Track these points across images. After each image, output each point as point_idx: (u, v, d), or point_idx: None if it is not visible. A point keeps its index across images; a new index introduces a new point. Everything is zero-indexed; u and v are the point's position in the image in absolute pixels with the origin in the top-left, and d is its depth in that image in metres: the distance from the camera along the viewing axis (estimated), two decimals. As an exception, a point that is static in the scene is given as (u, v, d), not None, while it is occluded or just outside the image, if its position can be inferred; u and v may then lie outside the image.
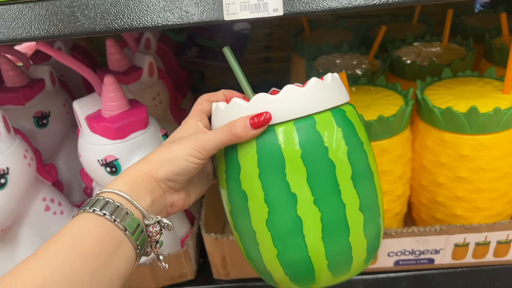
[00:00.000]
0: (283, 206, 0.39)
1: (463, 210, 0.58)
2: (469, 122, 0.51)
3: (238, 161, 0.40)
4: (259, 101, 0.39)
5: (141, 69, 0.72)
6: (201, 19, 0.42)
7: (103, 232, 0.35)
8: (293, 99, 0.38)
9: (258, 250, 0.41)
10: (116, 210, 0.36)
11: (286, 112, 0.38)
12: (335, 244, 0.40)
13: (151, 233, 0.38)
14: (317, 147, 0.38)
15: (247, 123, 0.38)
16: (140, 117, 0.57)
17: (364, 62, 0.71)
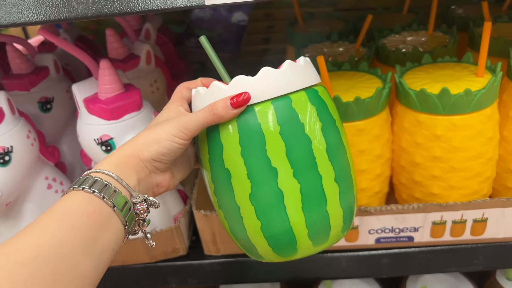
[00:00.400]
0: (265, 180, 0.42)
1: (440, 189, 0.60)
2: (441, 103, 0.54)
3: (220, 141, 0.42)
4: (238, 83, 0.41)
5: (139, 57, 0.76)
6: (184, 4, 0.46)
7: (92, 207, 0.37)
8: (269, 79, 0.41)
9: (243, 224, 0.44)
10: (104, 188, 0.38)
11: (264, 92, 0.41)
12: (314, 213, 0.43)
13: (138, 210, 0.40)
14: (294, 124, 0.41)
15: (228, 103, 0.40)
16: (134, 100, 0.61)
17: (351, 50, 0.74)
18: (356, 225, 0.63)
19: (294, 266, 0.68)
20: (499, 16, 0.76)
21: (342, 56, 0.73)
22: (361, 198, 0.62)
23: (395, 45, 0.72)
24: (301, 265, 0.67)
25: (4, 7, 0.46)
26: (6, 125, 0.61)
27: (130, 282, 0.70)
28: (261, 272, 0.69)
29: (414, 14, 0.88)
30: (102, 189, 0.38)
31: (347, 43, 0.77)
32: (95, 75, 0.61)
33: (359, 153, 0.58)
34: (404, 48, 0.71)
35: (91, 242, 0.36)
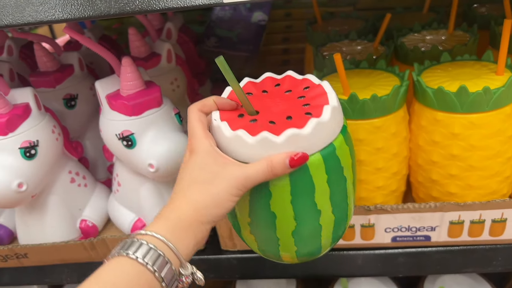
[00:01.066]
0: (309, 220, 0.45)
1: (457, 188, 0.60)
2: (459, 101, 0.54)
3: (269, 189, 0.43)
4: (290, 138, 0.40)
5: (160, 55, 0.77)
6: (203, 2, 0.47)
7: (144, 283, 0.36)
8: (319, 132, 0.41)
9: (278, 249, 0.48)
10: (157, 259, 0.37)
11: (314, 145, 0.42)
12: (339, 233, 0.50)
13: (182, 282, 0.40)
14: (337, 170, 0.44)
15: (286, 162, 0.40)
16: (154, 96, 0.62)
17: (369, 49, 0.74)
18: (372, 223, 0.63)
19: (310, 263, 0.68)
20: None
21: (360, 54, 0.73)
22: (377, 196, 0.62)
23: (414, 44, 0.72)
24: (317, 262, 0.68)
25: (32, 5, 0.48)
26: (32, 120, 0.63)
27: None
28: (278, 269, 0.70)
29: (434, 13, 0.87)
30: (155, 261, 0.37)
31: (365, 41, 0.77)
32: (117, 72, 0.63)
33: (376, 151, 0.58)
34: (423, 47, 0.71)
35: None
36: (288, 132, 0.40)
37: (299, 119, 0.42)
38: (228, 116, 0.45)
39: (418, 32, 0.77)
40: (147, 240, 0.38)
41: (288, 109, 0.44)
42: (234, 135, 0.42)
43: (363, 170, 0.60)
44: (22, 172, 0.61)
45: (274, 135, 0.40)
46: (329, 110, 0.42)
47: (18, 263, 0.71)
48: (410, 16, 0.88)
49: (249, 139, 0.41)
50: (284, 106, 0.45)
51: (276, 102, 0.45)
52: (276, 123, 0.42)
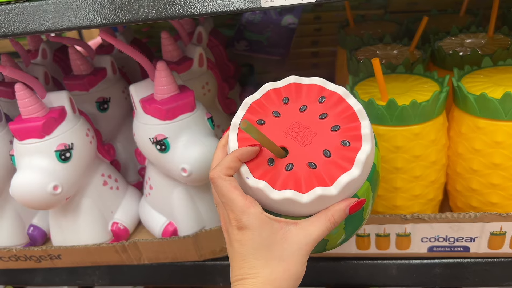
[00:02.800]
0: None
1: (499, 198, 0.57)
2: (503, 108, 0.52)
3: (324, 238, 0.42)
4: (345, 187, 0.38)
5: (192, 59, 0.77)
6: (241, 7, 0.46)
7: None
8: (366, 167, 0.39)
9: None
10: None
11: (363, 178, 0.40)
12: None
13: None
14: (377, 180, 0.45)
15: (347, 212, 0.40)
16: (188, 101, 0.62)
17: (405, 53, 0.72)
18: (409, 233, 0.61)
19: (341, 270, 0.67)
20: None
21: (396, 59, 0.71)
22: (414, 205, 0.61)
23: (452, 48, 0.70)
24: (349, 270, 0.66)
25: (71, 10, 0.49)
26: (68, 123, 0.64)
27: (178, 279, 0.72)
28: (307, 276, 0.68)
29: (472, 16, 0.85)
30: None
31: (400, 45, 0.75)
32: (151, 76, 0.63)
33: (414, 158, 0.56)
34: (462, 51, 0.68)
35: None
36: (341, 181, 0.38)
37: (339, 157, 0.39)
38: (258, 167, 0.41)
39: (456, 35, 0.74)
40: None
41: (318, 140, 0.40)
42: (283, 197, 0.39)
43: (399, 178, 0.58)
44: (57, 174, 0.62)
45: (327, 187, 0.38)
46: (369, 143, 0.39)
47: (51, 264, 0.72)
48: (446, 18, 0.86)
49: (302, 198, 0.38)
50: (309, 135, 0.41)
51: (298, 131, 0.41)
52: (318, 166, 0.39)
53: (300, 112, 0.42)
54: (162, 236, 0.69)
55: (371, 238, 0.63)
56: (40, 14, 0.49)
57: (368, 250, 0.64)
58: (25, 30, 0.50)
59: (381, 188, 0.60)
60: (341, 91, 0.42)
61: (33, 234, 0.76)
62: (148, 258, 0.69)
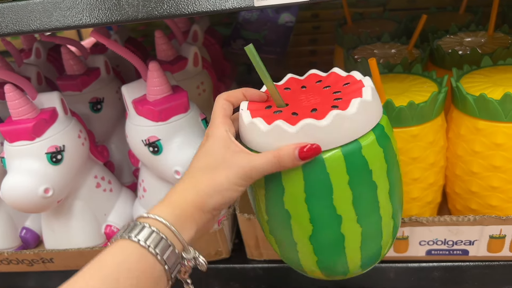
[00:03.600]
0: (328, 226, 0.41)
1: (499, 200, 0.56)
2: (503, 109, 0.50)
3: (282, 184, 0.40)
4: (305, 129, 0.37)
5: (187, 59, 0.76)
6: (233, 6, 0.45)
7: (146, 266, 0.36)
8: (340, 125, 0.38)
9: (297, 256, 0.45)
10: (159, 242, 0.36)
11: (333, 139, 0.38)
12: (370, 250, 0.44)
13: (184, 266, 0.39)
14: (363, 172, 0.39)
15: (296, 154, 0.38)
16: (181, 102, 0.61)
17: (403, 52, 0.71)
18: (406, 236, 0.60)
19: (339, 274, 0.66)
20: None
21: (394, 58, 0.70)
22: (412, 208, 0.60)
23: (451, 47, 0.69)
24: (346, 274, 0.65)
25: (59, 10, 0.47)
26: (59, 125, 0.63)
27: (173, 283, 0.71)
28: (305, 280, 0.67)
29: (471, 14, 0.83)
30: (157, 244, 0.36)
31: (399, 44, 0.74)
32: (144, 76, 0.62)
33: (412, 160, 0.55)
34: (461, 50, 0.67)
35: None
36: (303, 122, 0.37)
37: (323, 111, 0.39)
38: (255, 106, 0.43)
39: (455, 34, 0.73)
40: (150, 223, 0.37)
41: (319, 103, 0.41)
42: (250, 122, 0.40)
43: (397, 180, 0.57)
44: (48, 177, 0.61)
45: (289, 124, 0.38)
46: (356, 103, 0.38)
47: (43, 267, 0.71)
48: (445, 17, 0.84)
49: (263, 126, 0.39)
50: (316, 100, 0.42)
51: (310, 97, 0.43)
52: (299, 115, 0.40)
53: (322, 89, 0.44)
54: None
55: (369, 241, 0.61)
56: (28, 14, 0.48)
57: (365, 254, 0.63)
58: (12, 30, 0.49)
59: (378, 190, 0.59)
60: (366, 79, 0.42)
61: (26, 236, 0.75)
62: (142, 261, 0.68)
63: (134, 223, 0.38)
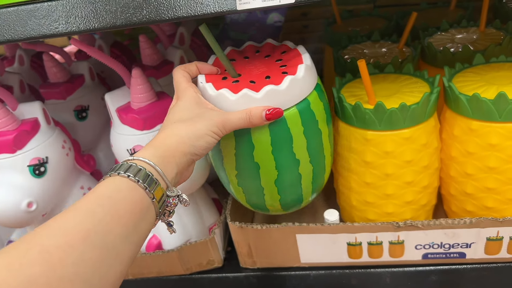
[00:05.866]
0: (290, 169, 0.51)
1: (495, 202, 0.55)
2: (497, 109, 0.49)
3: (252, 141, 0.48)
4: (268, 93, 0.45)
5: (173, 63, 0.74)
6: (215, 10, 0.43)
7: (136, 197, 0.38)
8: (294, 88, 0.46)
9: (263, 199, 0.54)
10: (147, 178, 0.39)
11: (290, 100, 0.47)
12: (318, 183, 0.56)
13: (170, 204, 0.41)
14: (312, 122, 0.50)
15: (263, 115, 0.45)
16: (167, 108, 0.59)
17: (394, 50, 0.69)
18: (402, 240, 0.58)
19: (334, 280, 0.64)
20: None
21: (385, 57, 0.68)
22: (407, 212, 0.58)
23: (442, 44, 0.67)
24: (341, 279, 0.64)
25: (34, 18, 0.45)
26: (41, 136, 0.61)
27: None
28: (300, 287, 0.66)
29: (462, 9, 0.82)
30: (145, 179, 0.39)
31: (389, 42, 0.72)
32: (128, 83, 0.60)
33: (405, 163, 0.54)
34: (453, 47, 0.66)
35: (132, 230, 0.37)
36: (266, 88, 0.45)
37: (276, 77, 0.47)
38: (212, 78, 0.49)
39: (446, 30, 0.71)
40: (137, 163, 0.39)
41: (268, 71, 0.49)
42: (218, 93, 0.46)
43: (390, 184, 0.56)
44: (31, 191, 0.59)
45: (254, 91, 0.45)
46: (303, 68, 0.47)
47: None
48: (436, 13, 0.83)
49: (231, 96, 0.46)
50: (263, 68, 0.50)
51: (256, 66, 0.51)
52: (256, 82, 0.47)
53: (264, 58, 0.52)
54: (147, 250, 0.66)
55: (363, 246, 0.60)
56: (1, 22, 0.46)
57: (360, 259, 0.61)
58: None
59: (372, 195, 0.58)
60: (300, 47, 0.51)
61: (12, 250, 0.72)
62: (132, 273, 0.66)
63: (121, 164, 0.40)
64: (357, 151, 0.55)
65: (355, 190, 0.59)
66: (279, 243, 0.62)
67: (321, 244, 0.61)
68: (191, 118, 0.44)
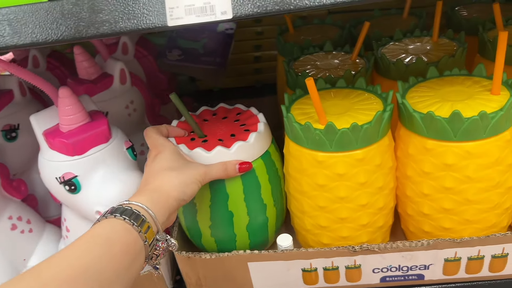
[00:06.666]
0: (259, 213, 0.58)
1: (452, 223, 0.53)
2: (452, 128, 0.46)
3: (226, 191, 0.55)
4: (238, 149, 0.53)
5: (112, 76, 0.68)
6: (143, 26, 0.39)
7: (130, 239, 0.40)
8: (259, 142, 0.54)
9: (235, 245, 0.59)
10: (141, 222, 0.41)
11: (256, 152, 0.55)
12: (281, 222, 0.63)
13: (158, 247, 0.44)
14: (274, 170, 0.58)
15: (237, 168, 0.52)
16: (101, 130, 0.54)
17: (347, 62, 0.66)
18: (359, 264, 0.55)
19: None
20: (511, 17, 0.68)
21: (338, 69, 0.65)
22: (363, 235, 0.55)
23: (396, 55, 0.65)
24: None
25: None
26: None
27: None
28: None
29: (415, 17, 0.80)
30: (140, 223, 0.41)
31: (342, 53, 0.69)
32: (56, 103, 0.54)
33: (359, 186, 0.51)
34: (407, 59, 0.63)
35: (125, 271, 0.38)
36: (237, 144, 0.52)
37: (241, 135, 0.55)
38: (182, 140, 0.56)
39: (400, 40, 0.69)
40: (132, 207, 0.42)
41: (230, 130, 0.57)
42: (194, 152, 0.53)
43: (344, 207, 0.52)
44: None
45: (226, 147, 0.52)
46: (262, 125, 0.56)
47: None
48: (389, 21, 0.80)
49: (206, 153, 0.52)
50: (226, 128, 0.57)
51: (218, 126, 0.58)
52: (224, 140, 0.55)
53: (222, 119, 0.60)
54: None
55: (319, 272, 0.56)
56: None
57: (316, 285, 0.58)
58: None
59: (326, 218, 0.54)
60: (252, 109, 0.60)
61: None
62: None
63: (117, 207, 0.42)
64: (309, 173, 0.52)
65: (309, 214, 0.55)
66: (230, 272, 0.57)
67: (275, 272, 0.57)
68: (179, 167, 0.49)
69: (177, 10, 0.38)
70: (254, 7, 0.37)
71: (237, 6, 0.37)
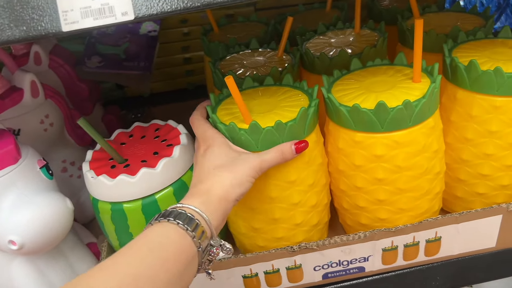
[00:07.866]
0: None
1: (388, 213, 0.53)
2: (379, 119, 0.46)
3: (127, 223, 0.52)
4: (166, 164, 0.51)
5: (22, 89, 0.62)
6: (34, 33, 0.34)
7: (184, 245, 0.38)
8: (186, 155, 0.53)
9: None
10: (196, 227, 0.39)
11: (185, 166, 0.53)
12: None
13: (213, 253, 0.41)
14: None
15: (293, 148, 0.47)
16: (7, 150, 0.49)
17: (273, 59, 0.65)
18: (299, 264, 0.54)
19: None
20: (428, 5, 0.70)
21: (265, 67, 0.63)
22: (298, 234, 0.54)
23: (320, 49, 0.64)
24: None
25: None
26: None
27: None
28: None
29: (338, 10, 0.80)
30: (194, 228, 0.39)
31: (268, 50, 0.68)
32: (-48, 124, 0.48)
33: (289, 184, 0.49)
34: (331, 52, 0.63)
35: (177, 278, 0.36)
36: (162, 161, 0.50)
37: (164, 151, 0.53)
38: (102, 171, 0.51)
39: (323, 34, 0.69)
40: (186, 211, 0.40)
41: (152, 148, 0.54)
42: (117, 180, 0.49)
43: (276, 207, 0.51)
44: None
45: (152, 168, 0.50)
46: (184, 136, 0.54)
47: None
48: (312, 15, 0.80)
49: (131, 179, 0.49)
50: (147, 148, 0.54)
51: (137, 148, 0.54)
52: (148, 160, 0.52)
53: (140, 139, 0.56)
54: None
55: (260, 277, 0.55)
56: None
57: (259, 290, 0.56)
58: None
59: (258, 220, 0.52)
60: (170, 122, 0.58)
61: None
62: None
63: (170, 210, 0.40)
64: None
65: (241, 216, 0.53)
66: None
67: (215, 282, 0.54)
68: (231, 163, 0.45)
69: (71, 14, 0.34)
70: (158, 5, 0.34)
71: (139, 6, 0.34)
